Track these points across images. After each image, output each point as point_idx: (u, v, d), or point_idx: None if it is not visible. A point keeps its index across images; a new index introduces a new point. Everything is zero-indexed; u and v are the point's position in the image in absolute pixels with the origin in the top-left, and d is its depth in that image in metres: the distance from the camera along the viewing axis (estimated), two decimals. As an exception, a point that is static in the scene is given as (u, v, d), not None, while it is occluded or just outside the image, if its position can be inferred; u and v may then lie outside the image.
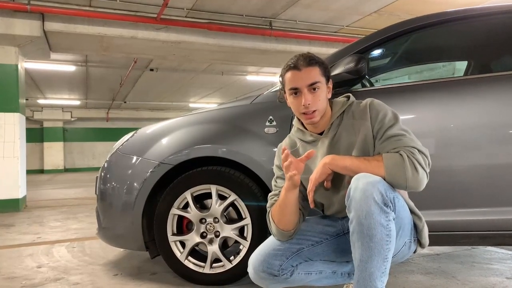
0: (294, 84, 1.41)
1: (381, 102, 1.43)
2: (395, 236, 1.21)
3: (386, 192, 1.20)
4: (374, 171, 1.26)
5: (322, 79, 1.41)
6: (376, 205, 1.17)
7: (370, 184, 1.19)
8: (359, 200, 1.18)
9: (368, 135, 1.38)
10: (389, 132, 1.34)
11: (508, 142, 1.77)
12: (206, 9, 5.79)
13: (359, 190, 1.19)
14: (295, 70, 1.40)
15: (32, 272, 2.35)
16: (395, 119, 1.37)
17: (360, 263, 1.20)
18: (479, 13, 1.98)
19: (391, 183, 1.26)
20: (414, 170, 1.24)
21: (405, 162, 1.25)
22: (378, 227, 1.17)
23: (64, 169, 17.59)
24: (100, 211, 2.18)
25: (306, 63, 1.40)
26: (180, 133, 2.09)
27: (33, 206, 5.74)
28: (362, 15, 6.20)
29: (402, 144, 1.30)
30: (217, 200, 1.95)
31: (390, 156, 1.28)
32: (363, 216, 1.17)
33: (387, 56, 2.48)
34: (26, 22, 5.24)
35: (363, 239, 1.18)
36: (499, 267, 2.25)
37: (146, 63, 9.03)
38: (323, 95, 1.42)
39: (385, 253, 1.19)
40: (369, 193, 1.18)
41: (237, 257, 1.94)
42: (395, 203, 1.23)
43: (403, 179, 1.25)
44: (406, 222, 1.33)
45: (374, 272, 1.19)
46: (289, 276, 1.42)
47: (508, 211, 1.73)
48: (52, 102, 14.92)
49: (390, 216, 1.19)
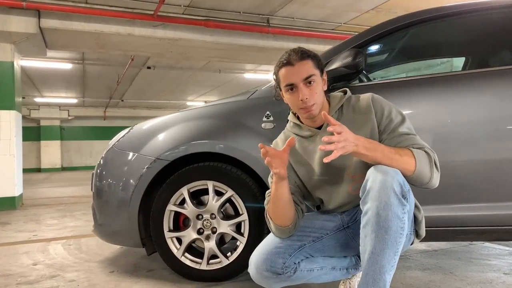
0: (289, 80, 1.39)
1: (381, 97, 1.43)
2: (407, 229, 1.22)
3: (404, 184, 1.21)
4: (404, 164, 1.26)
5: (316, 72, 1.40)
6: (395, 196, 1.17)
7: (389, 175, 1.19)
8: (378, 191, 1.17)
9: (374, 129, 1.38)
10: (400, 129, 1.35)
11: (506, 137, 1.76)
12: (203, 6, 5.77)
13: (378, 181, 1.18)
14: (289, 66, 1.39)
15: (27, 269, 2.34)
16: (402, 116, 1.39)
17: (372, 255, 1.18)
18: (477, 7, 1.97)
19: (416, 178, 1.28)
20: (436, 169, 1.30)
21: (432, 160, 1.29)
22: (395, 219, 1.16)
23: (61, 167, 17.54)
24: (96, 208, 2.16)
25: (299, 58, 1.38)
26: (177, 128, 2.07)
27: (29, 204, 5.71)
28: (360, 12, 6.19)
29: (420, 143, 1.33)
30: (214, 196, 1.94)
31: (419, 152, 1.29)
32: (381, 207, 1.16)
33: (384, 51, 2.47)
34: (22, 19, 5.21)
35: (378, 230, 1.17)
36: (496, 263, 2.25)
37: (143, 61, 9.00)
38: (319, 87, 1.41)
39: (397, 246, 1.19)
40: (388, 184, 1.17)
41: (234, 254, 1.93)
42: (410, 196, 1.23)
43: (428, 176, 1.29)
44: (410, 215, 1.33)
45: (385, 265, 1.18)
46: (292, 274, 1.40)
47: (506, 206, 1.72)
48: (49, 100, 14.86)
49: (405, 209, 1.19)
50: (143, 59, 8.73)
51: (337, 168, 1.42)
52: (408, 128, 1.37)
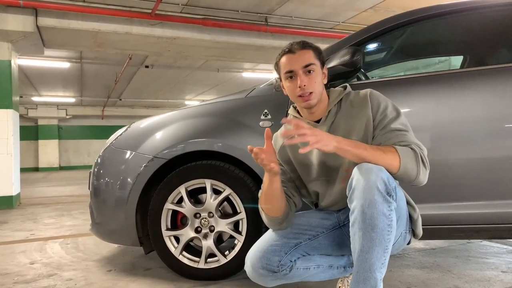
0: (289, 67, 1.41)
1: (380, 93, 1.43)
2: (395, 226, 1.21)
3: (389, 181, 1.19)
4: (388, 162, 1.25)
5: (316, 62, 1.41)
6: (379, 194, 1.16)
7: (373, 173, 1.18)
8: (363, 189, 1.17)
9: (369, 124, 1.37)
10: (393, 125, 1.34)
11: (503, 135, 1.77)
12: (201, 4, 5.76)
13: (362, 180, 1.18)
14: (290, 54, 1.41)
15: (24, 268, 2.33)
16: (397, 112, 1.38)
17: (361, 253, 1.19)
18: (475, 6, 1.97)
19: (401, 175, 1.27)
20: (423, 166, 1.28)
21: (418, 157, 1.27)
22: (380, 216, 1.16)
23: (59, 167, 17.50)
24: (93, 207, 2.16)
25: (300, 47, 1.41)
26: (175, 127, 2.06)
27: (27, 203, 5.69)
28: (358, 11, 6.19)
29: (409, 139, 1.31)
30: (211, 194, 1.94)
31: (405, 149, 1.28)
32: (366, 205, 1.16)
33: (382, 50, 2.47)
34: (19, 17, 5.20)
35: (364, 229, 1.17)
36: (494, 261, 2.25)
37: (141, 60, 8.98)
38: (319, 78, 1.41)
39: (386, 244, 1.18)
40: (372, 182, 1.17)
41: (232, 252, 1.92)
42: (396, 193, 1.22)
43: (414, 173, 1.27)
44: (403, 213, 1.33)
45: (374, 263, 1.17)
46: (288, 272, 1.41)
47: (503, 204, 1.72)
48: (46, 99, 14.82)
49: (392, 206, 1.19)
50: (141, 58, 8.72)
51: (333, 163, 1.43)
52: (402, 124, 1.35)
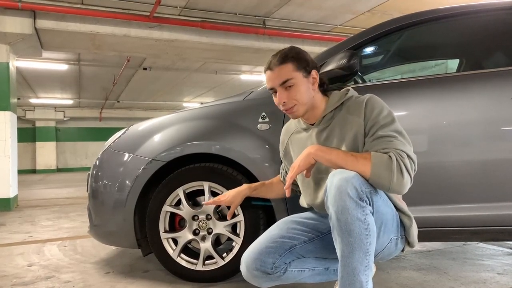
0: (270, 84, 1.45)
1: (379, 100, 1.40)
2: (375, 230, 1.21)
3: (361, 187, 1.20)
4: (359, 168, 1.24)
5: (295, 74, 1.40)
6: (351, 200, 1.17)
7: (344, 179, 1.19)
8: (334, 196, 1.19)
9: (360, 132, 1.36)
10: (380, 132, 1.31)
11: (499, 138, 1.78)
12: (199, 7, 5.77)
13: (334, 187, 1.20)
14: (269, 71, 1.44)
15: (22, 270, 2.33)
16: (390, 118, 1.34)
17: (342, 258, 1.20)
18: (472, 10, 1.99)
19: (374, 182, 1.24)
20: (400, 174, 1.22)
21: (393, 164, 1.22)
22: (355, 221, 1.17)
23: (57, 169, 17.45)
24: (91, 209, 2.16)
25: (279, 62, 1.42)
26: (173, 129, 2.07)
27: (24, 205, 5.68)
28: (355, 14, 6.21)
29: (393, 146, 1.27)
30: (209, 197, 1.94)
31: (379, 155, 1.25)
32: (339, 211, 1.18)
33: (379, 53, 2.49)
34: (17, 19, 5.19)
35: (342, 234, 1.18)
36: (490, 263, 2.26)
37: (139, 62, 8.99)
38: (302, 88, 1.41)
39: (366, 247, 1.18)
40: (343, 188, 1.18)
41: (229, 254, 1.93)
42: (372, 198, 1.23)
43: (387, 181, 1.23)
44: (388, 218, 1.33)
45: (357, 267, 1.18)
46: (282, 274, 1.42)
47: (499, 206, 1.74)
48: (44, 101, 14.79)
49: (366, 210, 1.19)
50: (139, 60, 8.72)
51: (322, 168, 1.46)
52: (393, 131, 1.31)
